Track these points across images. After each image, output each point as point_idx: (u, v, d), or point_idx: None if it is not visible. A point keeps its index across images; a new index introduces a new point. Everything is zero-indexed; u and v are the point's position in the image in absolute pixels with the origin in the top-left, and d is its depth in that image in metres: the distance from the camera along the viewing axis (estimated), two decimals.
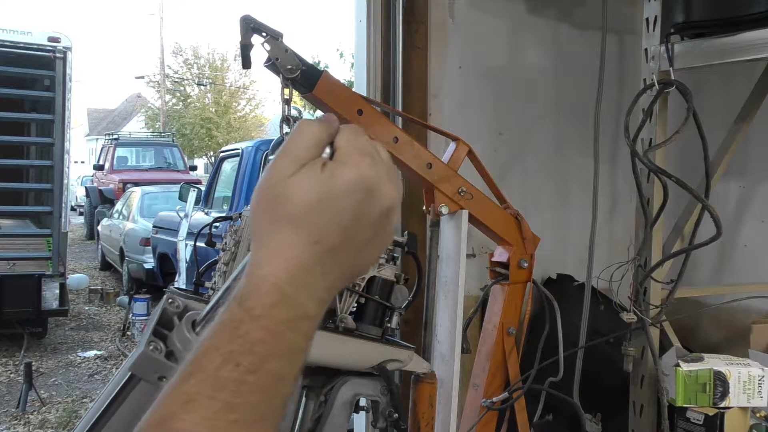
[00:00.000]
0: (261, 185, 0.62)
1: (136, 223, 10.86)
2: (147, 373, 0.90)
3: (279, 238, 0.59)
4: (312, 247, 0.59)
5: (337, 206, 0.60)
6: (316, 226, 0.59)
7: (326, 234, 0.60)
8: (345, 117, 1.85)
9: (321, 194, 0.59)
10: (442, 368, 1.92)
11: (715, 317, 2.97)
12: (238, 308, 0.58)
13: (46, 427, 5.40)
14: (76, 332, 8.38)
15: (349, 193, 0.60)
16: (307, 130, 0.62)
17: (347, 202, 0.60)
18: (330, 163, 0.61)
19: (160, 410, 0.55)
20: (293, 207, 0.59)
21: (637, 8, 2.58)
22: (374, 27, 2.82)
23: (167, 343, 0.89)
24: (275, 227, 0.60)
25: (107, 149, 17.12)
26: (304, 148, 0.61)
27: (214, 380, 0.55)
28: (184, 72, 33.54)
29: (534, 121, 3.24)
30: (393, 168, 0.65)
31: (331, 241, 0.60)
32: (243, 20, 1.65)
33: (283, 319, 0.58)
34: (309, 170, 0.60)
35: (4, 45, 7.06)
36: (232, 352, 0.56)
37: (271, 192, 0.61)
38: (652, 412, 2.34)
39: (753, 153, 2.94)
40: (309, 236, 0.59)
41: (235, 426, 0.54)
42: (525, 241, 2.05)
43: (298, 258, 0.59)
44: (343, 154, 0.62)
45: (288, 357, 0.58)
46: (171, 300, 0.97)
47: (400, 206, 0.65)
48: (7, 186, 7.63)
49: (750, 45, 2.04)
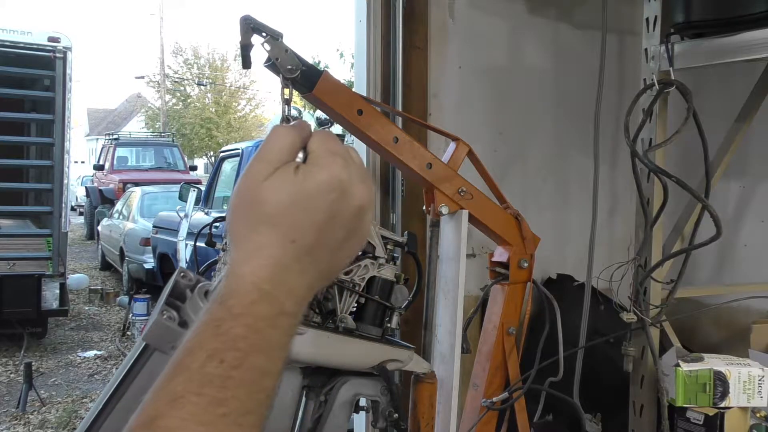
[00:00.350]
0: (237, 189, 0.64)
1: (136, 223, 10.86)
2: (161, 342, 0.90)
3: (256, 239, 0.61)
4: (289, 246, 0.61)
5: (311, 206, 0.62)
6: (291, 225, 0.61)
7: (302, 233, 0.62)
8: (345, 117, 1.85)
9: (295, 195, 0.62)
10: (442, 368, 1.92)
11: (715, 317, 2.97)
12: (219, 308, 0.59)
13: (46, 427, 5.40)
14: (76, 332, 8.38)
15: (323, 193, 0.62)
16: (280, 135, 0.65)
17: (321, 202, 0.62)
18: (303, 166, 0.64)
19: (147, 411, 0.55)
20: (269, 208, 0.61)
21: (637, 8, 2.58)
22: (374, 27, 2.82)
23: (180, 314, 0.89)
24: (252, 229, 0.62)
25: (107, 149, 17.12)
26: (278, 153, 0.64)
27: (200, 377, 0.56)
28: (184, 72, 33.55)
29: (534, 121, 3.24)
30: (365, 169, 0.68)
31: (307, 240, 0.62)
32: (243, 20, 1.65)
33: (263, 315, 0.59)
34: (283, 173, 0.62)
35: (4, 45, 7.06)
36: (215, 350, 0.57)
37: (246, 195, 0.63)
38: (652, 412, 2.34)
39: (753, 153, 2.94)
40: (285, 236, 0.61)
41: (224, 420, 0.55)
42: (525, 241, 2.05)
43: (276, 257, 0.61)
44: (315, 156, 0.64)
45: (270, 352, 0.59)
46: (183, 274, 0.97)
47: (372, 206, 0.68)
48: (7, 186, 7.63)
49: (750, 45, 2.04)
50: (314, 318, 1.24)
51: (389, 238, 1.32)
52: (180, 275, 0.97)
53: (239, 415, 0.56)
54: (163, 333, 0.89)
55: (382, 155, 2.07)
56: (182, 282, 0.96)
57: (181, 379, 0.56)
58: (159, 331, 0.89)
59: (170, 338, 0.88)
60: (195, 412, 0.54)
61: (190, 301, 0.89)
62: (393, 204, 2.86)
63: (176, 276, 0.97)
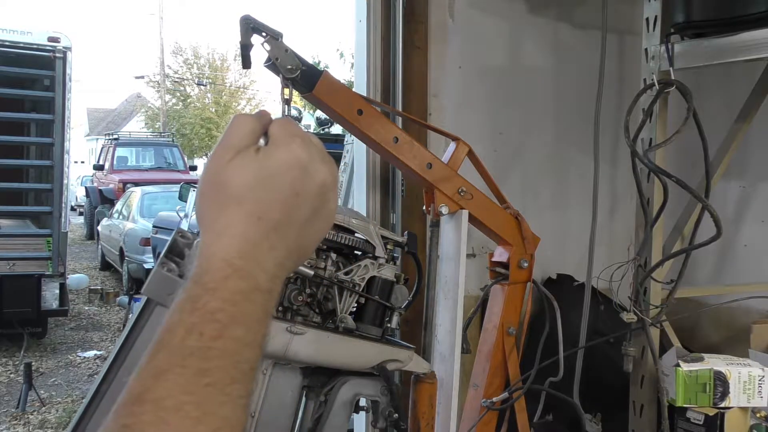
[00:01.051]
0: (203, 175, 0.66)
1: (136, 223, 10.86)
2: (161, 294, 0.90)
3: (223, 220, 0.63)
4: (256, 223, 0.63)
5: (274, 184, 0.64)
6: (257, 202, 0.63)
7: (268, 210, 0.64)
8: (345, 117, 1.85)
9: (258, 173, 0.64)
10: (442, 368, 1.92)
11: (715, 317, 2.97)
12: (194, 286, 0.61)
13: (46, 427, 5.40)
14: (76, 332, 8.38)
15: (285, 170, 0.65)
16: (241, 122, 0.67)
17: (284, 179, 0.64)
18: (264, 148, 0.66)
19: (133, 388, 0.56)
20: (233, 189, 0.63)
21: (637, 8, 2.58)
22: (374, 27, 2.82)
23: (180, 268, 0.90)
24: (219, 210, 0.64)
25: (107, 149, 17.10)
26: (239, 138, 0.66)
27: (182, 350, 0.57)
28: (184, 72, 33.52)
29: (534, 121, 3.24)
30: (324, 151, 0.69)
31: (273, 217, 0.64)
32: (243, 20, 1.65)
33: (237, 289, 0.60)
34: (245, 154, 0.65)
35: (4, 45, 7.06)
36: (194, 324, 0.58)
37: (211, 179, 0.65)
38: (652, 412, 2.34)
39: (753, 153, 2.94)
40: (251, 213, 0.63)
41: (210, 389, 0.56)
42: (525, 241, 2.05)
43: (243, 233, 0.62)
44: (275, 138, 0.67)
45: (249, 324, 0.60)
46: (181, 234, 0.98)
47: (335, 186, 0.70)
48: (7, 186, 7.62)
49: (750, 45, 2.04)
50: (314, 318, 1.24)
51: (389, 238, 1.32)
52: (179, 235, 0.98)
53: (225, 384, 0.57)
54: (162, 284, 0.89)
55: (382, 155, 2.07)
56: (181, 241, 0.98)
57: (164, 355, 0.57)
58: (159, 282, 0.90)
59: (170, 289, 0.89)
60: (180, 383, 0.56)
61: (189, 257, 0.90)
62: (393, 204, 2.86)
63: (175, 235, 0.98)
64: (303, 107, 9.94)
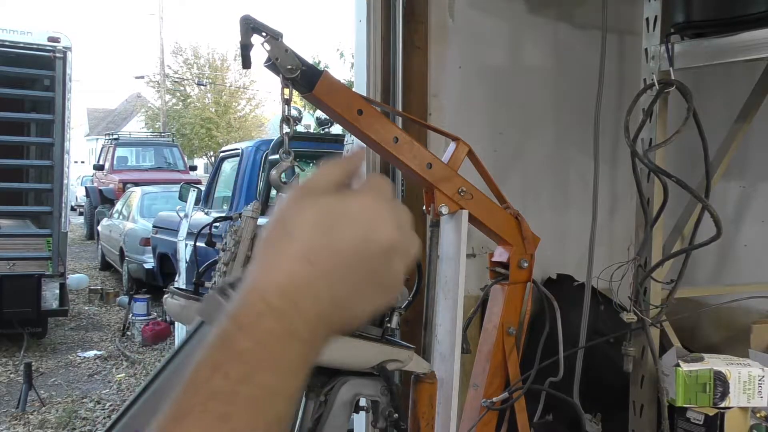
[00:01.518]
0: (270, 217, 0.62)
1: (136, 223, 10.85)
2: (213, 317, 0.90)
3: (273, 255, 0.59)
4: (304, 265, 0.58)
5: (333, 231, 0.59)
6: (310, 246, 0.59)
7: (320, 256, 0.59)
8: (345, 117, 1.85)
9: (320, 215, 0.60)
10: (442, 368, 1.92)
11: (715, 317, 2.97)
12: (228, 323, 0.57)
13: (46, 427, 5.40)
14: (76, 332, 8.38)
15: (349, 221, 0.60)
16: (326, 171, 0.63)
17: (345, 230, 0.59)
18: (339, 193, 0.61)
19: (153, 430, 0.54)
20: (291, 226, 0.59)
21: (637, 8, 2.58)
22: (374, 27, 2.82)
23: None
24: (272, 245, 0.60)
25: (107, 149, 17.11)
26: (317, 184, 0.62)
27: (206, 391, 0.54)
28: (184, 72, 33.53)
29: (534, 121, 3.24)
30: (408, 219, 0.64)
31: (324, 266, 0.59)
32: (243, 20, 1.65)
33: (270, 330, 0.56)
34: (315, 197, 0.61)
35: (4, 45, 7.06)
36: (221, 363, 0.55)
37: (276, 216, 0.61)
38: (652, 412, 2.34)
39: (753, 153, 2.94)
40: (302, 254, 0.58)
41: None
42: (525, 241, 2.05)
43: (289, 272, 0.58)
44: (358, 187, 0.63)
45: (279, 372, 0.56)
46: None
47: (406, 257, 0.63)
48: (7, 186, 7.62)
49: (750, 45, 2.04)
50: None
51: None
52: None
53: None
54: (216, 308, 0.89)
55: (382, 155, 2.07)
56: None
57: (188, 395, 0.54)
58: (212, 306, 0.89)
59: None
60: (200, 427, 0.52)
61: None
62: None
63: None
64: (303, 107, 9.94)
